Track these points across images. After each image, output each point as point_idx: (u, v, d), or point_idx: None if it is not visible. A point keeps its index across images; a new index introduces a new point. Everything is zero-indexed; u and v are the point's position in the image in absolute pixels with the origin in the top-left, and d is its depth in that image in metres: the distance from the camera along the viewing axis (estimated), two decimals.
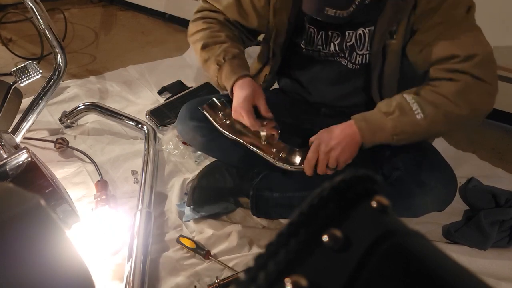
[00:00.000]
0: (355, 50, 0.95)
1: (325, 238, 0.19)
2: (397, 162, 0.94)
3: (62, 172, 1.25)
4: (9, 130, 1.21)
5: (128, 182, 1.25)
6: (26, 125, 1.29)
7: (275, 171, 1.08)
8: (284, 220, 1.12)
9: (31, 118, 1.30)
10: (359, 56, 0.96)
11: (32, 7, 1.21)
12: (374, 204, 0.21)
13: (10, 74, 1.20)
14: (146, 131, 1.38)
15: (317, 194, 0.20)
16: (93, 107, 1.43)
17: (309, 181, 0.93)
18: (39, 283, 0.25)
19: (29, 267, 0.25)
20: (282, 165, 0.92)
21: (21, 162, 0.74)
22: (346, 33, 0.94)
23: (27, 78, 1.20)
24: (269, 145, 0.94)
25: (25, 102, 1.32)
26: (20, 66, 1.19)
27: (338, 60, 1.00)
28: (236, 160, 1.10)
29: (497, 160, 1.41)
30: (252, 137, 0.95)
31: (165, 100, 1.62)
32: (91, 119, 1.48)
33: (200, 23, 1.04)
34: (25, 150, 0.76)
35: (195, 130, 1.08)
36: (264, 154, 0.94)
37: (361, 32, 0.92)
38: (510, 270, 1.00)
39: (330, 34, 0.96)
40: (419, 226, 1.08)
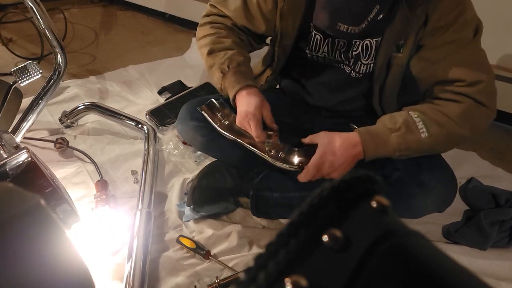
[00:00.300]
0: (360, 60, 0.95)
1: (325, 238, 0.19)
2: (397, 163, 0.94)
3: (62, 172, 1.25)
4: (9, 130, 1.21)
5: (128, 182, 1.25)
6: (26, 125, 1.29)
7: (275, 171, 1.08)
8: (284, 220, 1.12)
9: (31, 118, 1.29)
10: (364, 66, 0.95)
11: (32, 7, 1.21)
12: (374, 204, 0.21)
13: (10, 74, 1.20)
14: (146, 131, 1.38)
15: (317, 194, 0.20)
16: (93, 107, 1.43)
17: (309, 181, 0.93)
18: (39, 283, 0.25)
19: (29, 267, 0.25)
20: (281, 165, 0.92)
21: (21, 162, 0.74)
22: (353, 42, 0.94)
23: (27, 78, 1.20)
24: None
25: (25, 102, 1.32)
26: (20, 66, 1.19)
27: (342, 67, 1.00)
28: (236, 160, 1.10)
29: (497, 160, 1.41)
30: (251, 138, 0.95)
31: (165, 100, 1.62)
32: (91, 119, 1.48)
33: (208, 28, 1.03)
34: (25, 150, 0.76)
35: (195, 130, 1.08)
36: (263, 154, 0.94)
37: (368, 42, 0.92)
38: (510, 270, 1.00)
39: (337, 42, 0.96)
40: (419, 226, 1.08)
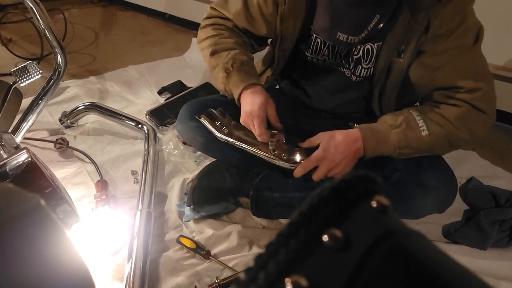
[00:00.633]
0: (361, 63, 0.95)
1: (325, 238, 0.19)
2: (398, 163, 0.94)
3: (62, 172, 1.25)
4: (9, 130, 1.21)
5: (128, 182, 1.25)
6: (26, 125, 1.28)
7: (275, 171, 1.08)
8: (284, 220, 1.12)
9: (31, 118, 1.29)
10: (364, 70, 0.95)
11: (32, 7, 1.21)
12: (374, 204, 0.21)
13: (10, 74, 1.20)
14: (146, 131, 1.38)
15: (317, 194, 0.20)
16: (93, 107, 1.42)
17: (309, 181, 0.93)
18: (39, 283, 0.25)
19: (29, 267, 0.25)
20: (282, 164, 0.92)
21: (21, 162, 0.74)
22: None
23: (27, 78, 1.20)
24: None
25: (25, 102, 1.31)
26: (20, 66, 1.19)
27: (342, 71, 1.00)
28: (236, 160, 1.10)
29: (497, 160, 1.41)
30: (253, 139, 0.94)
31: (165, 100, 1.62)
32: (91, 119, 1.48)
33: (210, 30, 1.03)
34: (25, 150, 0.76)
35: (195, 130, 1.08)
36: (264, 154, 0.93)
37: (369, 47, 0.91)
38: (510, 270, 1.01)
39: (337, 46, 0.96)
40: (419, 226, 1.08)
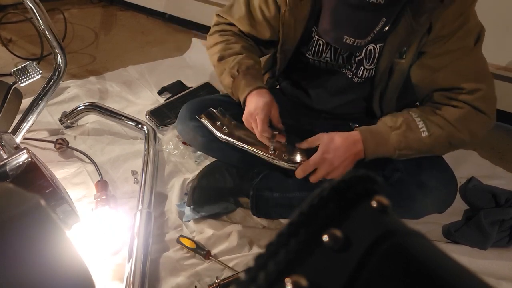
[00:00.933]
0: (363, 65, 0.95)
1: (325, 238, 0.19)
2: (398, 164, 0.94)
3: (62, 173, 1.25)
4: (9, 131, 1.20)
5: (128, 182, 1.25)
6: (26, 126, 1.28)
7: (275, 171, 1.08)
8: (284, 220, 1.12)
9: (31, 119, 1.29)
10: (366, 71, 0.96)
11: (32, 8, 1.21)
12: (374, 204, 0.21)
13: (10, 75, 1.20)
14: (146, 131, 1.38)
15: (317, 194, 0.20)
16: (93, 108, 1.42)
17: (310, 182, 0.93)
18: (39, 283, 0.25)
19: (29, 267, 0.25)
20: (283, 164, 0.92)
21: (21, 163, 0.74)
22: None
23: (27, 79, 1.19)
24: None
25: (25, 103, 1.31)
26: (20, 67, 1.19)
27: (344, 72, 1.00)
28: (236, 160, 1.10)
29: (497, 160, 1.41)
30: (254, 139, 0.94)
31: (165, 100, 1.62)
32: (91, 120, 1.48)
33: (217, 36, 1.04)
34: (25, 151, 0.76)
35: (195, 130, 1.08)
36: (264, 153, 0.93)
37: (372, 48, 0.92)
38: (510, 270, 1.00)
39: (340, 48, 0.96)
40: (419, 226, 1.08)
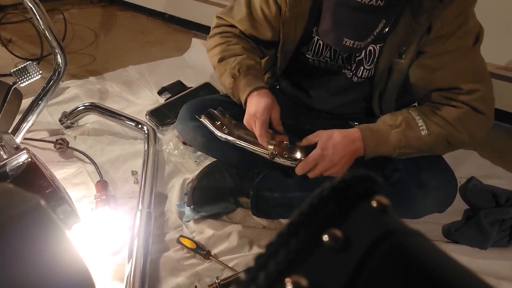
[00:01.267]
0: (363, 65, 0.95)
1: (325, 238, 0.19)
2: (398, 164, 0.94)
3: (62, 173, 1.25)
4: (9, 131, 1.20)
5: (128, 183, 1.25)
6: (26, 126, 1.28)
7: (275, 171, 1.08)
8: (284, 220, 1.12)
9: (31, 119, 1.29)
10: (366, 71, 0.96)
11: (32, 8, 1.21)
12: (374, 204, 0.21)
13: (10, 75, 1.20)
14: (146, 132, 1.38)
15: (317, 194, 0.20)
16: (93, 108, 1.42)
17: (309, 181, 0.93)
18: (39, 283, 0.25)
19: (29, 267, 0.25)
20: (283, 162, 0.92)
21: (21, 163, 0.74)
22: None
23: (27, 79, 1.19)
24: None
25: (25, 103, 1.31)
26: (20, 67, 1.19)
27: (343, 72, 1.00)
28: (236, 160, 1.10)
29: (497, 160, 1.41)
30: (254, 139, 0.94)
31: (165, 100, 1.62)
32: (91, 120, 1.48)
33: (218, 38, 1.03)
34: (25, 151, 0.76)
35: (195, 130, 1.08)
36: (265, 152, 0.93)
37: (372, 48, 0.92)
38: (511, 270, 1.00)
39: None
40: (419, 226, 1.08)
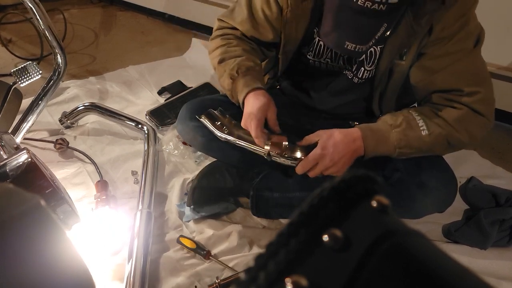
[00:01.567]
0: (363, 66, 0.95)
1: (325, 238, 0.19)
2: (398, 164, 0.94)
3: (62, 173, 1.25)
4: (9, 131, 1.20)
5: (128, 183, 1.25)
6: (26, 126, 1.28)
7: (275, 171, 1.08)
8: (284, 220, 1.12)
9: (31, 119, 1.29)
10: (366, 72, 0.96)
11: (32, 8, 1.21)
12: (374, 204, 0.21)
13: (10, 75, 1.20)
14: (146, 132, 1.38)
15: (317, 194, 0.20)
16: (93, 108, 1.42)
17: (309, 181, 0.93)
18: (39, 283, 0.25)
19: (29, 267, 0.25)
20: (283, 161, 0.91)
21: (21, 163, 0.74)
22: None
23: (27, 79, 1.19)
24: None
25: (25, 103, 1.31)
26: (20, 67, 1.19)
27: (344, 73, 1.00)
28: (236, 160, 1.10)
29: (497, 160, 1.41)
30: (252, 138, 0.94)
31: (165, 101, 1.62)
32: (91, 120, 1.48)
33: (219, 40, 1.04)
34: (25, 151, 0.76)
35: (195, 130, 1.08)
36: (264, 151, 0.93)
37: (373, 50, 0.92)
38: (511, 270, 1.01)
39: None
40: (419, 226, 1.08)
